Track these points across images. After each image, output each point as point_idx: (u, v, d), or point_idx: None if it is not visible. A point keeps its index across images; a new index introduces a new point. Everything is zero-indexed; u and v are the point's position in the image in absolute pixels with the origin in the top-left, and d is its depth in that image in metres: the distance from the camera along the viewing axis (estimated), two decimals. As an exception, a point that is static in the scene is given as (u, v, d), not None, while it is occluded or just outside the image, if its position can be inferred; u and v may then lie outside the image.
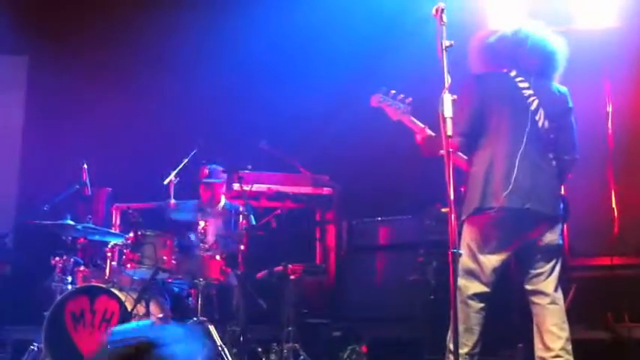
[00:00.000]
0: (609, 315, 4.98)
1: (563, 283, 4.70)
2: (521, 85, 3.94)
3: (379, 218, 5.81)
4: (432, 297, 5.20)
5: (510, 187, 3.74)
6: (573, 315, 4.60)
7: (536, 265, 3.92)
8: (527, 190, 3.77)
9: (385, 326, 5.42)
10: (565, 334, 3.86)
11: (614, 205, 5.12)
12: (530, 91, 3.93)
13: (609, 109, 5.22)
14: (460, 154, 3.95)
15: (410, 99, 4.07)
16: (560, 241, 3.97)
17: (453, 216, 3.41)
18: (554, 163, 3.95)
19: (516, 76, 3.97)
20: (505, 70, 3.99)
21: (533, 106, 3.90)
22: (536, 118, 3.90)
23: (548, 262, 3.93)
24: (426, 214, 5.52)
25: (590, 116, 5.41)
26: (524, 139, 3.82)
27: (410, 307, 5.33)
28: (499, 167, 3.80)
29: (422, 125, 4.04)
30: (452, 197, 3.39)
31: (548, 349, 3.84)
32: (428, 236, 5.44)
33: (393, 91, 4.09)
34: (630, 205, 5.31)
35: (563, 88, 4.08)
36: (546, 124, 3.90)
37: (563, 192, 4.06)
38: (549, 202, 3.88)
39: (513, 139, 3.83)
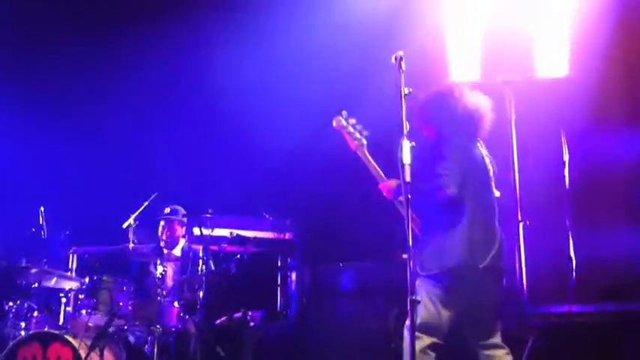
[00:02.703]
0: (568, 362, 4.99)
1: (522, 331, 4.74)
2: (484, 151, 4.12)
3: (341, 264, 5.79)
4: (392, 345, 5.17)
5: (495, 246, 3.89)
6: (533, 363, 4.62)
7: (490, 318, 4.00)
8: (498, 249, 3.92)
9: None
10: None
11: (572, 252, 5.17)
12: (487, 159, 4.11)
13: (566, 157, 5.31)
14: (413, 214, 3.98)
15: (366, 132, 4.12)
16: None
17: (411, 262, 3.43)
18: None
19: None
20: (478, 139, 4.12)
21: (491, 173, 4.09)
22: (493, 183, 4.09)
23: (500, 312, 4.04)
24: (388, 260, 5.52)
25: (547, 165, 5.52)
26: (495, 203, 4.01)
27: (372, 354, 5.29)
28: (479, 228, 3.89)
29: (374, 163, 4.10)
30: (410, 244, 3.42)
31: None
32: (389, 283, 5.43)
33: (353, 120, 4.14)
34: (588, 252, 5.37)
35: None
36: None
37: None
38: (507, 258, 4.07)
39: (488, 202, 3.98)
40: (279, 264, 6.10)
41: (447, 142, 3.97)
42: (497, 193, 4.10)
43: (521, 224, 4.82)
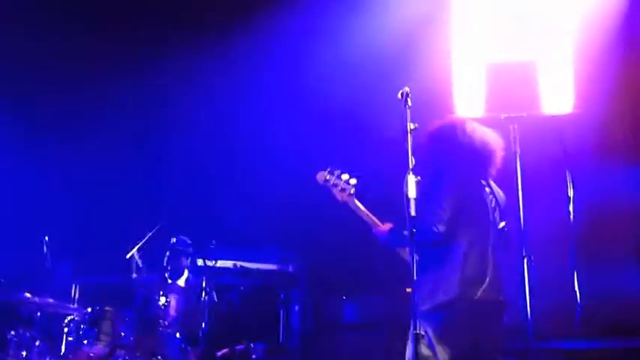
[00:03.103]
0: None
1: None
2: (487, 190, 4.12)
3: (344, 297, 5.77)
4: (395, 378, 5.12)
5: (488, 280, 3.84)
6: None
7: (489, 353, 3.95)
8: (499, 283, 3.89)
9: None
10: None
11: (576, 288, 5.14)
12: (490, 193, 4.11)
13: (571, 193, 5.31)
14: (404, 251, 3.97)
15: (355, 180, 4.09)
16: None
17: (416, 296, 3.42)
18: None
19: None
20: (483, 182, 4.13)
21: (493, 205, 4.08)
22: (495, 215, 4.07)
23: (501, 347, 4.01)
24: (391, 293, 5.50)
25: (551, 200, 5.52)
26: (494, 236, 3.99)
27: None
28: (474, 263, 3.87)
29: (365, 210, 4.07)
30: (415, 277, 3.41)
31: None
32: (393, 316, 5.40)
33: (338, 171, 4.13)
34: (593, 288, 5.34)
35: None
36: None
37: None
38: (508, 292, 4.01)
39: (485, 237, 3.96)
40: (281, 296, 6.08)
41: (446, 175, 3.97)
42: (501, 224, 4.08)
43: (525, 259, 4.80)
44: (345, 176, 4.10)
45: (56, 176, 6.86)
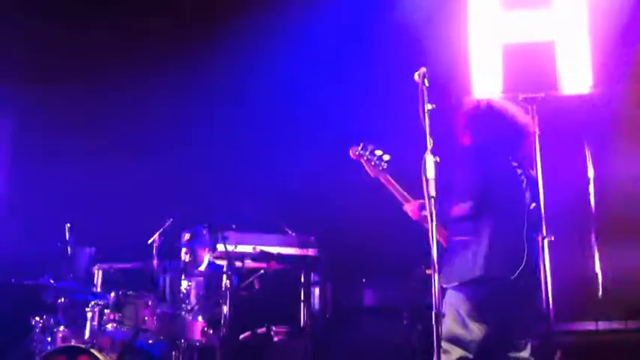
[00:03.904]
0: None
1: (548, 349, 4.69)
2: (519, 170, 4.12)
3: (364, 280, 5.79)
4: (416, 360, 5.15)
5: (525, 261, 3.84)
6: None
7: (519, 333, 3.99)
8: (534, 264, 3.90)
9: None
10: None
11: (597, 269, 5.13)
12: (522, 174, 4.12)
13: (590, 173, 5.29)
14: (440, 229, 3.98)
15: (388, 156, 4.12)
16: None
17: (436, 276, 3.42)
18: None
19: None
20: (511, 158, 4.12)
21: (524, 185, 4.08)
22: (527, 195, 4.07)
23: (529, 329, 4.02)
24: (411, 276, 5.51)
25: (571, 181, 5.50)
26: (525, 215, 3.98)
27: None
28: (502, 241, 3.87)
29: (397, 186, 4.09)
30: (435, 258, 3.41)
31: None
32: (413, 299, 5.41)
33: (371, 146, 4.15)
34: (614, 269, 5.32)
35: None
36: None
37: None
38: (537, 273, 4.01)
39: (515, 216, 3.96)
40: (302, 280, 6.10)
41: (478, 154, 3.98)
42: (532, 205, 4.09)
43: (545, 240, 4.80)
44: (378, 152, 4.14)
45: (78, 164, 6.93)
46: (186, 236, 5.92)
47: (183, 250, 5.93)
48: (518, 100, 5.06)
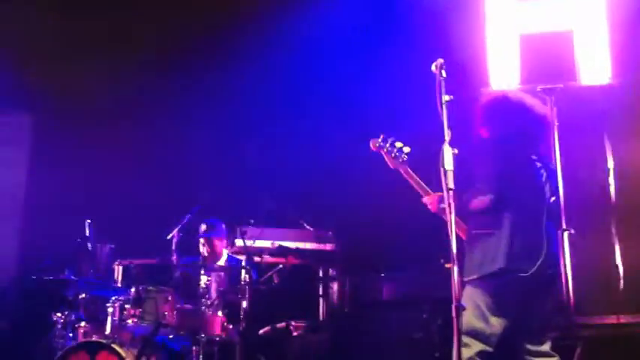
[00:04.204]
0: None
1: (569, 342, 4.66)
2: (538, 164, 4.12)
3: (382, 274, 5.78)
4: (436, 355, 5.13)
5: (544, 254, 3.85)
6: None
7: (540, 326, 4.00)
8: (550, 257, 3.90)
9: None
10: None
11: (618, 262, 5.08)
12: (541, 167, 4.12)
13: (610, 164, 5.24)
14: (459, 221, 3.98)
15: (409, 149, 4.12)
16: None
17: (455, 269, 3.41)
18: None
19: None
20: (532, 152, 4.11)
21: (544, 178, 4.10)
22: (546, 189, 4.09)
23: (549, 322, 4.05)
24: (430, 270, 5.49)
25: (591, 172, 5.44)
26: (545, 208, 3.99)
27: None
28: (523, 235, 3.86)
29: (417, 178, 4.10)
30: (454, 251, 3.40)
31: None
32: (432, 292, 5.39)
33: (392, 139, 4.15)
34: (635, 261, 5.27)
35: None
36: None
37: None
38: (558, 266, 4.05)
39: (534, 209, 3.96)
40: (320, 275, 6.11)
41: (498, 147, 3.97)
42: (552, 199, 4.07)
43: (565, 233, 4.76)
44: (398, 144, 4.15)
45: (97, 161, 6.98)
46: (203, 227, 5.96)
47: (201, 241, 5.96)
48: (536, 92, 5.04)
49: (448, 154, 3.55)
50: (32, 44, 7.08)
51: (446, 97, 3.64)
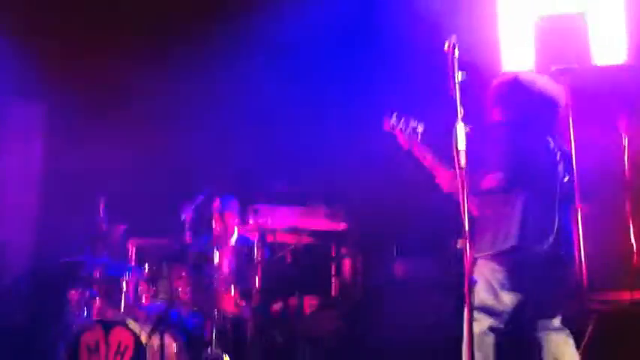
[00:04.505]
0: (630, 350, 4.89)
1: (582, 317, 4.65)
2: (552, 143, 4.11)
3: (395, 254, 5.80)
4: (449, 334, 5.14)
5: (554, 234, 3.86)
6: (593, 350, 4.53)
7: (551, 303, 3.99)
8: (562, 236, 3.93)
9: (401, 363, 5.36)
10: None
11: (632, 238, 5.07)
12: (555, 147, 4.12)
13: (625, 142, 5.21)
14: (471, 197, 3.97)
15: (422, 127, 4.11)
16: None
17: (468, 246, 3.42)
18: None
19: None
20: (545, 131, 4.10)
21: (558, 157, 4.10)
22: (559, 168, 4.09)
23: (561, 299, 4.05)
24: (443, 251, 5.50)
25: (605, 151, 5.42)
26: (558, 188, 3.99)
27: (426, 343, 5.28)
28: (535, 214, 3.88)
29: (431, 157, 4.09)
30: (467, 229, 3.41)
31: None
32: (444, 273, 5.41)
33: (405, 117, 4.14)
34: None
35: None
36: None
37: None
38: (571, 245, 4.03)
39: (547, 189, 3.98)
40: (333, 254, 6.14)
41: (510, 126, 3.97)
42: (566, 178, 4.07)
43: (579, 210, 4.75)
44: (412, 123, 4.13)
45: (111, 141, 7.01)
46: (217, 203, 5.98)
47: (214, 217, 5.98)
48: (550, 72, 5.01)
49: (461, 132, 3.53)
50: (43, 27, 7.09)
51: (459, 75, 3.62)
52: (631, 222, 5.01)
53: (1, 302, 6.72)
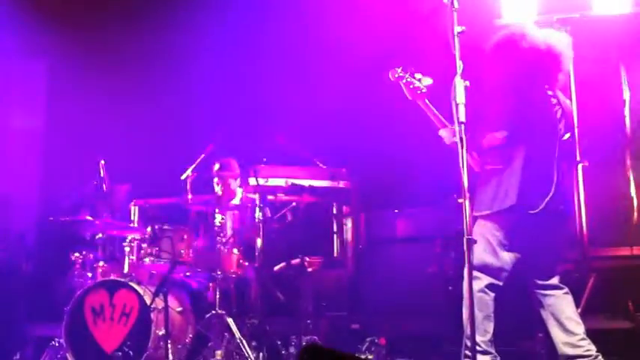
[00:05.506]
0: (630, 304, 4.93)
1: (582, 273, 4.69)
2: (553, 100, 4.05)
3: (396, 210, 5.80)
4: (450, 288, 5.19)
5: (552, 190, 3.83)
6: (594, 305, 4.58)
7: (549, 260, 4.00)
8: (561, 193, 3.88)
9: (404, 318, 5.41)
10: (580, 319, 3.97)
11: (633, 194, 5.06)
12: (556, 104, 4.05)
13: (626, 95, 5.16)
14: (472, 153, 3.95)
15: (429, 80, 4.06)
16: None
17: (467, 203, 3.42)
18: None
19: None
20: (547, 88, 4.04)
21: (558, 115, 4.03)
22: (560, 126, 4.02)
23: (560, 255, 4.07)
24: (443, 205, 5.50)
25: (606, 104, 5.37)
26: (557, 145, 3.95)
27: (428, 298, 5.32)
28: (534, 171, 3.85)
29: (435, 110, 4.05)
30: (466, 186, 3.40)
31: (572, 334, 3.90)
32: (445, 228, 5.42)
33: (411, 69, 4.08)
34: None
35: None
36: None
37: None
38: (570, 202, 4.06)
39: (546, 147, 3.93)
40: (334, 212, 6.14)
41: (509, 85, 3.93)
42: (566, 136, 4.04)
43: (580, 165, 4.74)
44: (418, 75, 4.07)
45: (112, 102, 6.98)
46: (217, 166, 5.98)
47: (215, 180, 5.99)
48: (552, 22, 4.93)
49: (460, 86, 3.51)
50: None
51: (458, 29, 3.57)
52: (632, 176, 5.01)
53: (9, 251, 6.76)
